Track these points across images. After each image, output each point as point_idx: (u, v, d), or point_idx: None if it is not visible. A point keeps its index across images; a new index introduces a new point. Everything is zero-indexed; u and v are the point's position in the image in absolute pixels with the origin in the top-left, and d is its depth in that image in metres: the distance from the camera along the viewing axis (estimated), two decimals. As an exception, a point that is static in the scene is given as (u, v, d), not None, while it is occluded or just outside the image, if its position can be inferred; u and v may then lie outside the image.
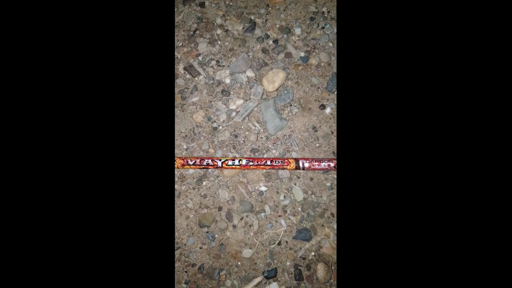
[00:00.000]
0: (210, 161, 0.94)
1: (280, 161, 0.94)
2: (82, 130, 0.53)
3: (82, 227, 0.52)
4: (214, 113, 1.03)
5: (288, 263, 0.94)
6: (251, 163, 0.94)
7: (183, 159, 0.94)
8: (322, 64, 1.05)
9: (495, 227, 0.51)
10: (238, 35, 1.08)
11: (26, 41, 0.53)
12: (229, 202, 0.97)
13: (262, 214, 0.96)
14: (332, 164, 0.94)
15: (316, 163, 0.94)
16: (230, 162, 0.94)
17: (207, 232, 0.96)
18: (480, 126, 0.52)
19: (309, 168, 0.94)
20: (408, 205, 0.52)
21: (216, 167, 0.95)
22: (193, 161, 0.94)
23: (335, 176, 0.97)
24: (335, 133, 1.00)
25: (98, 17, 0.55)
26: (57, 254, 0.51)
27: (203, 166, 0.95)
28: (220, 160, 0.94)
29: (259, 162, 0.94)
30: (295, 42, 1.08)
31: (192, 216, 0.97)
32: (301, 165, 0.94)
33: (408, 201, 0.52)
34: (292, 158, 0.95)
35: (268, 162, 0.94)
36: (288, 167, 0.94)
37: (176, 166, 0.94)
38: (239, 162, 0.94)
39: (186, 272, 0.93)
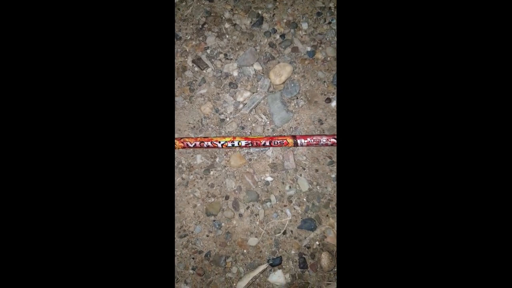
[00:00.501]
0: (209, 143, 0.97)
1: (278, 141, 0.97)
2: (81, 117, 0.55)
3: (81, 214, 0.54)
4: (222, 105, 1.06)
5: (292, 252, 0.96)
6: (250, 144, 0.98)
7: (182, 142, 0.97)
8: (328, 58, 1.07)
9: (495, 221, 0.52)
10: (246, 29, 1.11)
11: (21, 32, 0.55)
12: (236, 191, 1.00)
13: (268, 203, 0.99)
14: (329, 143, 0.97)
15: (314, 141, 0.97)
16: (229, 144, 0.97)
17: (214, 220, 0.99)
18: (477, 119, 0.53)
19: (307, 145, 0.97)
20: (407, 197, 0.54)
21: (216, 148, 0.98)
22: (193, 143, 0.97)
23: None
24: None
25: (98, 9, 0.57)
26: (54, 243, 0.53)
27: (203, 147, 0.98)
28: (219, 142, 0.97)
29: (257, 143, 0.97)
30: (301, 36, 1.10)
31: (199, 204, 1.00)
32: (299, 142, 0.97)
33: (407, 192, 0.54)
34: (290, 137, 0.98)
35: (267, 143, 0.97)
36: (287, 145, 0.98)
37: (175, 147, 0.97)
38: (238, 143, 0.97)
39: (193, 258, 0.96)
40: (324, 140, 0.96)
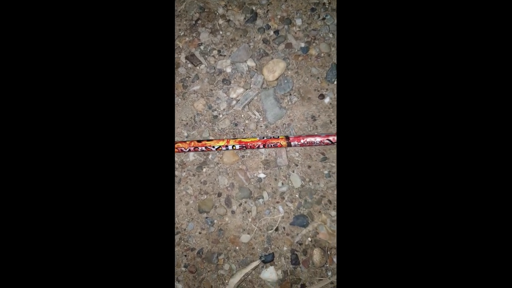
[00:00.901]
0: (204, 147, 0.95)
1: (272, 143, 0.95)
2: (82, 117, 0.54)
3: (83, 213, 0.53)
4: (215, 102, 1.04)
5: (285, 248, 0.95)
6: (244, 147, 0.96)
7: (176, 147, 0.96)
8: (322, 54, 1.05)
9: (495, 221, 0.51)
10: (240, 25, 1.09)
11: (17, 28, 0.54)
12: (228, 188, 0.98)
13: (260, 200, 0.97)
14: (323, 144, 0.95)
15: (307, 143, 0.95)
16: (224, 148, 0.96)
17: (206, 217, 0.97)
18: (479, 122, 0.52)
19: (301, 145, 0.96)
20: (407, 196, 0.53)
21: (211, 151, 0.97)
22: (187, 149, 0.95)
23: (333, 164, 0.98)
24: (333, 123, 1.00)
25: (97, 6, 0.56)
26: (54, 242, 0.52)
27: (197, 152, 0.97)
28: (213, 146, 0.95)
29: (251, 145, 0.96)
30: (295, 32, 1.08)
31: (192, 202, 0.98)
32: (292, 144, 0.95)
33: (407, 192, 0.53)
34: (283, 139, 0.95)
35: (261, 145, 0.95)
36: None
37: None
38: (232, 147, 0.96)
39: (185, 256, 0.95)
40: (318, 141, 0.94)
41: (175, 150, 0.95)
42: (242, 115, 1.03)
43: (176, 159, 1.00)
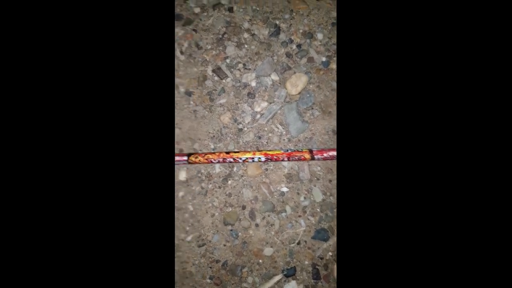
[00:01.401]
0: (232, 159, 0.93)
1: (296, 156, 0.92)
2: (82, 126, 0.52)
3: (82, 220, 0.51)
4: (240, 115, 1.01)
5: (306, 262, 0.93)
6: (270, 160, 0.94)
7: (206, 158, 0.92)
8: (343, 69, 1.02)
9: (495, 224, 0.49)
10: (264, 39, 1.05)
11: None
12: (253, 201, 0.96)
13: (283, 214, 0.95)
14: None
15: (330, 156, 0.93)
16: (250, 161, 0.93)
17: (231, 230, 0.94)
18: (477, 124, 0.51)
19: (324, 159, 0.93)
20: (408, 202, 0.51)
21: (237, 162, 0.95)
22: (216, 160, 0.92)
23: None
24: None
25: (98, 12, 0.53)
26: (56, 248, 0.50)
27: (225, 162, 0.95)
28: (240, 158, 0.93)
29: (276, 158, 0.93)
30: (317, 47, 1.05)
31: (217, 214, 0.95)
32: (316, 158, 0.93)
33: (408, 198, 0.51)
34: (307, 152, 0.93)
35: (285, 158, 0.93)
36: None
37: (199, 160, 0.93)
38: (258, 159, 0.93)
39: (210, 267, 0.92)
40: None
41: (205, 161, 0.92)
42: (266, 128, 1.00)
43: (203, 171, 0.97)
